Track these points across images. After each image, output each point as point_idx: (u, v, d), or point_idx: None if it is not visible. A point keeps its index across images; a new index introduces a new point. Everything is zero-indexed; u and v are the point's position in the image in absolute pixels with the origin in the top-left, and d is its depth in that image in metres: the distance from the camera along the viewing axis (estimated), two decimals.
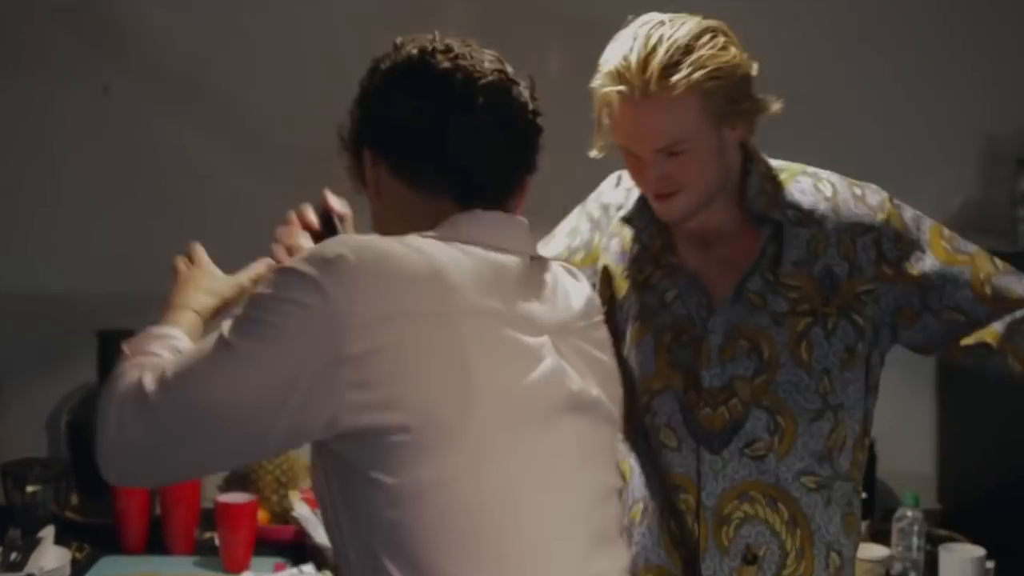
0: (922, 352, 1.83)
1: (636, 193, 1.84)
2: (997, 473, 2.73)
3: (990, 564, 2.50)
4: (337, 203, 1.68)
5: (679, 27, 1.67)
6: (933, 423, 3.01)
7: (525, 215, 2.34)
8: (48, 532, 2.50)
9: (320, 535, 2.52)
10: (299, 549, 2.58)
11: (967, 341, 1.77)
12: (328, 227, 1.66)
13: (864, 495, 2.02)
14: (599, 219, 1.93)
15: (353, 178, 1.50)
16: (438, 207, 1.41)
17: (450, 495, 1.28)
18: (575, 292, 1.53)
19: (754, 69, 1.72)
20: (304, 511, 2.57)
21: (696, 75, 1.64)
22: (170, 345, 1.44)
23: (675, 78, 1.64)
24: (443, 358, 1.28)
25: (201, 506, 2.66)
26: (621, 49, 1.68)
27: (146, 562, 2.55)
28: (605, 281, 1.88)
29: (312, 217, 1.70)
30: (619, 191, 1.92)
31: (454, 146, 1.41)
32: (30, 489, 2.70)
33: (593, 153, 1.78)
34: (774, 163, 1.83)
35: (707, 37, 1.67)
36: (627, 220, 1.87)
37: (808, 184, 1.82)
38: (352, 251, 1.29)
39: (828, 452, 1.77)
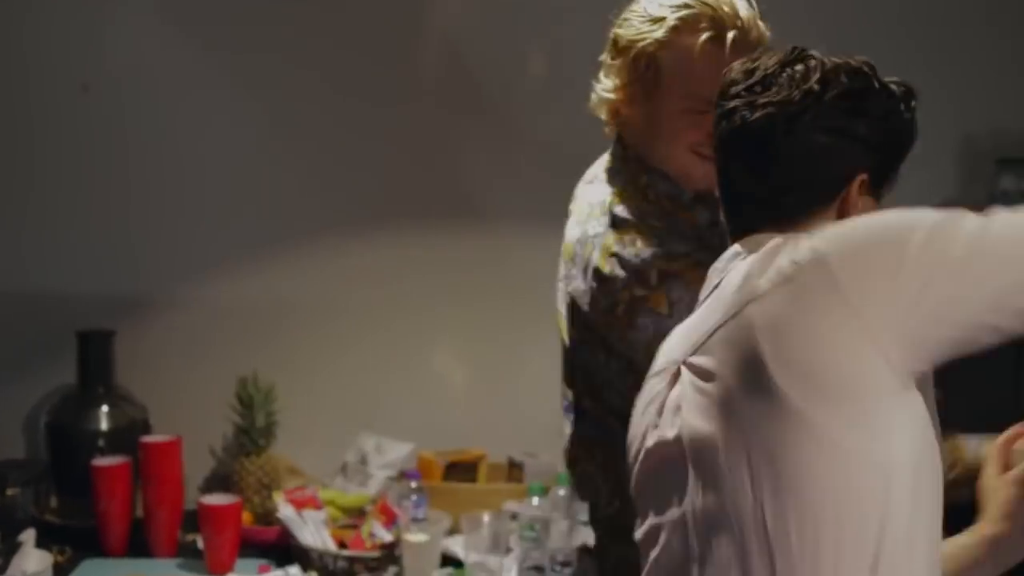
0: None
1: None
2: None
3: None
4: None
5: None
6: None
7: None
8: (29, 535, 2.48)
9: (305, 536, 2.51)
10: (283, 550, 2.56)
11: None
12: None
13: None
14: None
15: None
16: None
17: None
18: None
19: None
20: (289, 512, 2.55)
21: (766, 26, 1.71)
22: None
23: (763, 25, 1.69)
24: None
25: (184, 508, 2.65)
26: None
27: (129, 565, 2.53)
28: None
29: None
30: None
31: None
32: (9, 492, 2.67)
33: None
34: None
35: None
36: (701, 199, 1.75)
37: None
38: None
39: None
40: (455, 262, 2.98)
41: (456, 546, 2.53)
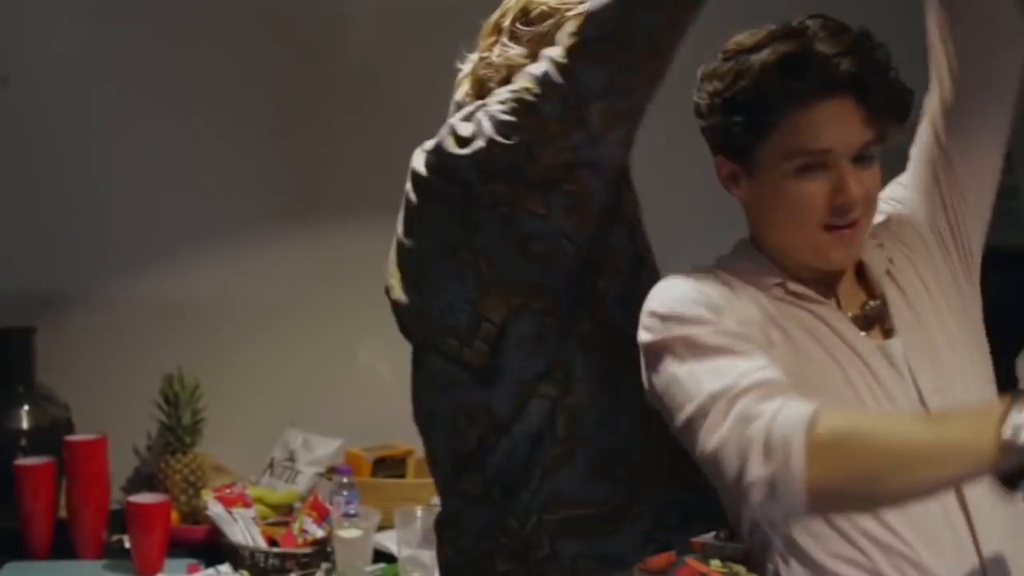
0: None
1: None
2: None
3: None
4: None
5: None
6: None
7: None
8: None
9: (235, 533, 2.49)
10: (211, 549, 2.54)
11: None
12: None
13: None
14: None
15: None
16: None
17: None
18: None
19: None
20: (218, 510, 2.53)
21: None
22: None
23: None
24: None
25: (109, 508, 2.61)
26: None
27: (54, 567, 2.48)
28: None
29: None
30: None
31: None
32: None
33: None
34: None
35: None
36: None
37: None
38: None
39: None
40: (380, 259, 2.97)
41: (388, 541, 2.54)
